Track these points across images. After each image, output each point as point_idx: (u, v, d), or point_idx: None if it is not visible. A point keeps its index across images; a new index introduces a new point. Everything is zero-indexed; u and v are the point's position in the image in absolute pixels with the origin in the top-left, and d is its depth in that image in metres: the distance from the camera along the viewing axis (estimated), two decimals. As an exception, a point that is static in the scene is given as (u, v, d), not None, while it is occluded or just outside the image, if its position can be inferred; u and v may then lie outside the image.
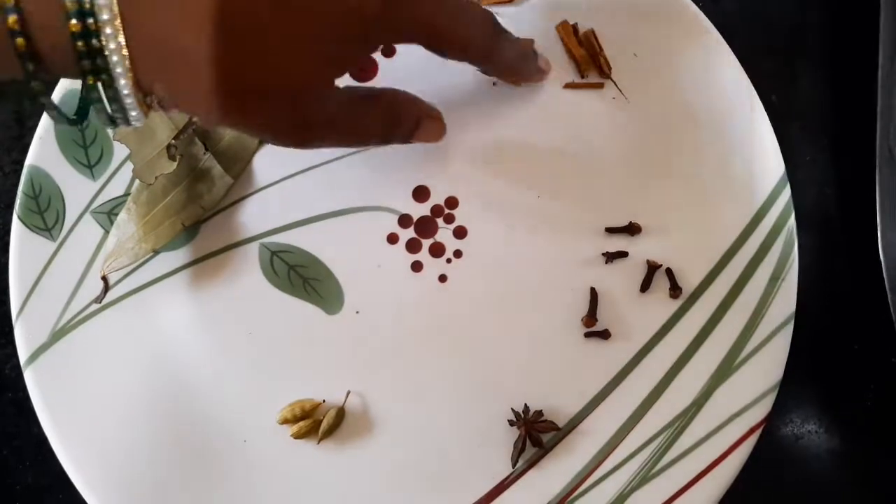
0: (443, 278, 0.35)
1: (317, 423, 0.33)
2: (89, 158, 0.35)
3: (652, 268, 0.34)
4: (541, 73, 0.35)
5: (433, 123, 0.32)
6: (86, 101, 0.24)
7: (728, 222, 0.35)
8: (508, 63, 0.33)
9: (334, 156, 0.36)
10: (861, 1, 0.39)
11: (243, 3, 0.22)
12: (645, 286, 0.34)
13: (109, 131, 0.35)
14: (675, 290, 0.34)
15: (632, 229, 0.35)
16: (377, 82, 0.36)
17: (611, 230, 0.35)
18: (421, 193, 0.36)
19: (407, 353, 0.34)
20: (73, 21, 0.21)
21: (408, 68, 0.36)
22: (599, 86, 0.36)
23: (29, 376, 0.33)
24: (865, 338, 0.37)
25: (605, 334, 0.34)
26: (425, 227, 0.35)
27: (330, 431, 0.33)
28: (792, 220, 0.34)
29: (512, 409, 0.34)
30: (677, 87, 0.36)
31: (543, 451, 0.33)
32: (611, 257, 0.35)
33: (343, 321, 0.34)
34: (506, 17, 0.36)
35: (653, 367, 0.34)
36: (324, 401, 0.34)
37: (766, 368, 0.33)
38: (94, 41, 0.22)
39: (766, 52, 0.39)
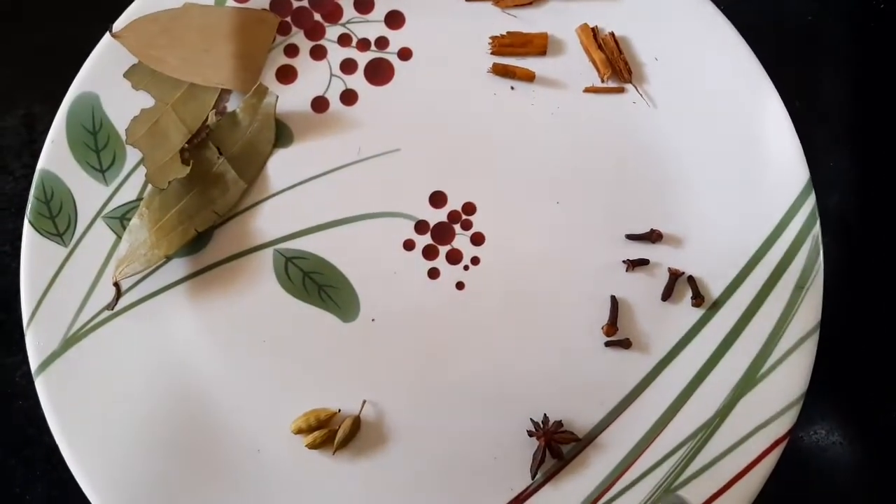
0: (460, 285, 0.34)
1: (332, 432, 0.33)
2: (102, 163, 0.34)
3: (674, 276, 0.34)
4: None
5: None
6: None
7: (752, 230, 0.34)
8: None
9: (350, 160, 0.35)
10: (884, 6, 0.38)
11: None
12: (666, 294, 0.34)
13: (122, 135, 0.35)
14: (697, 298, 0.34)
15: (652, 236, 0.34)
16: (393, 86, 0.35)
17: (631, 237, 0.34)
18: (438, 199, 0.35)
19: (423, 362, 0.34)
20: None
21: (424, 72, 0.35)
22: (620, 90, 0.35)
23: (40, 384, 0.33)
24: (891, 348, 0.36)
25: (625, 343, 0.34)
26: (442, 233, 0.35)
27: (345, 442, 0.33)
28: (817, 228, 0.33)
29: (531, 419, 0.33)
30: (699, 92, 0.35)
31: (563, 462, 0.33)
32: (632, 265, 0.34)
33: (359, 329, 0.34)
34: (525, 19, 0.36)
35: (675, 377, 0.33)
36: (339, 410, 0.33)
37: (790, 379, 0.33)
38: None
39: (789, 56, 0.38)
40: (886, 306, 0.36)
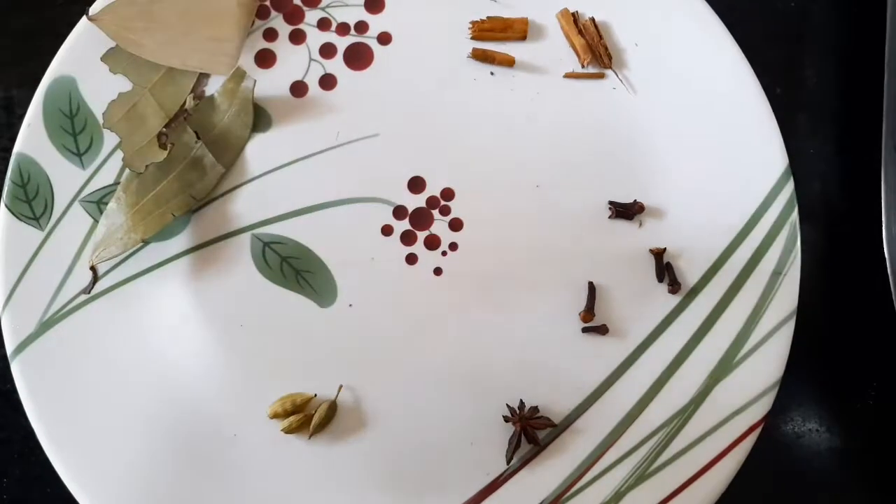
0: (438, 271, 0.34)
1: (308, 417, 0.33)
2: (79, 146, 0.34)
3: (658, 255, 0.34)
4: None
5: None
6: None
7: (730, 216, 0.34)
8: None
9: (329, 145, 0.35)
10: (868, -9, 0.38)
11: None
12: (660, 275, 0.34)
13: (99, 119, 0.34)
14: (674, 284, 0.34)
15: (635, 208, 0.34)
16: (372, 71, 0.35)
17: (614, 204, 0.34)
18: (416, 184, 0.35)
19: (400, 348, 0.34)
20: None
21: (404, 57, 0.35)
22: (600, 76, 0.35)
23: (16, 368, 0.33)
24: (868, 335, 0.36)
25: (602, 329, 0.34)
26: (420, 218, 0.35)
27: (321, 426, 0.33)
28: (795, 215, 0.33)
29: (507, 404, 0.33)
30: (679, 78, 0.35)
31: (539, 448, 0.33)
32: (616, 212, 0.34)
33: (336, 314, 0.34)
34: (505, 4, 0.35)
35: (651, 363, 0.33)
36: (315, 395, 0.33)
37: (766, 365, 0.33)
38: None
39: (770, 42, 0.38)
40: (863, 293, 0.36)
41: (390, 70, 0.35)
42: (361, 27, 0.36)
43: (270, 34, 0.36)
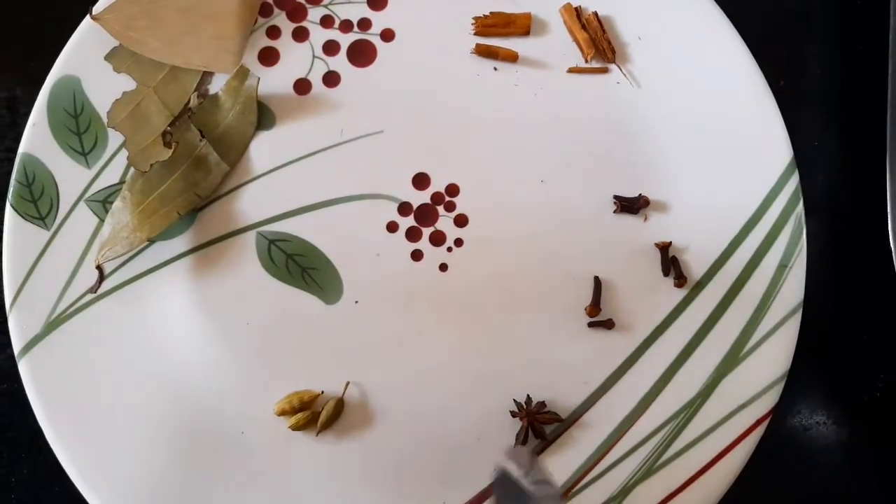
0: (443, 267, 0.34)
1: (315, 414, 0.33)
2: (83, 146, 0.34)
3: (664, 249, 0.34)
4: None
5: None
6: None
7: (735, 209, 0.34)
8: None
9: (333, 142, 0.35)
10: (872, -18, 0.38)
11: None
12: (666, 269, 0.34)
13: (104, 118, 0.34)
14: (680, 278, 0.34)
15: (640, 202, 0.34)
16: (376, 68, 0.35)
17: (619, 199, 0.34)
18: (421, 181, 0.35)
19: (407, 344, 0.34)
20: None
21: (407, 53, 0.35)
22: (604, 70, 0.35)
23: (23, 367, 0.33)
24: (875, 328, 0.36)
25: (608, 324, 0.34)
26: (425, 215, 0.35)
27: (328, 423, 0.33)
28: (800, 207, 0.33)
29: (514, 399, 0.33)
30: (683, 71, 0.35)
31: (546, 442, 0.33)
32: (620, 206, 0.34)
33: (342, 311, 0.34)
34: (507, -1, 0.35)
35: (657, 357, 0.33)
36: (322, 392, 0.33)
37: (773, 359, 0.33)
38: None
39: (775, 35, 0.38)
40: (869, 286, 0.36)
41: (394, 66, 0.35)
42: (364, 24, 0.36)
43: (273, 32, 0.36)
